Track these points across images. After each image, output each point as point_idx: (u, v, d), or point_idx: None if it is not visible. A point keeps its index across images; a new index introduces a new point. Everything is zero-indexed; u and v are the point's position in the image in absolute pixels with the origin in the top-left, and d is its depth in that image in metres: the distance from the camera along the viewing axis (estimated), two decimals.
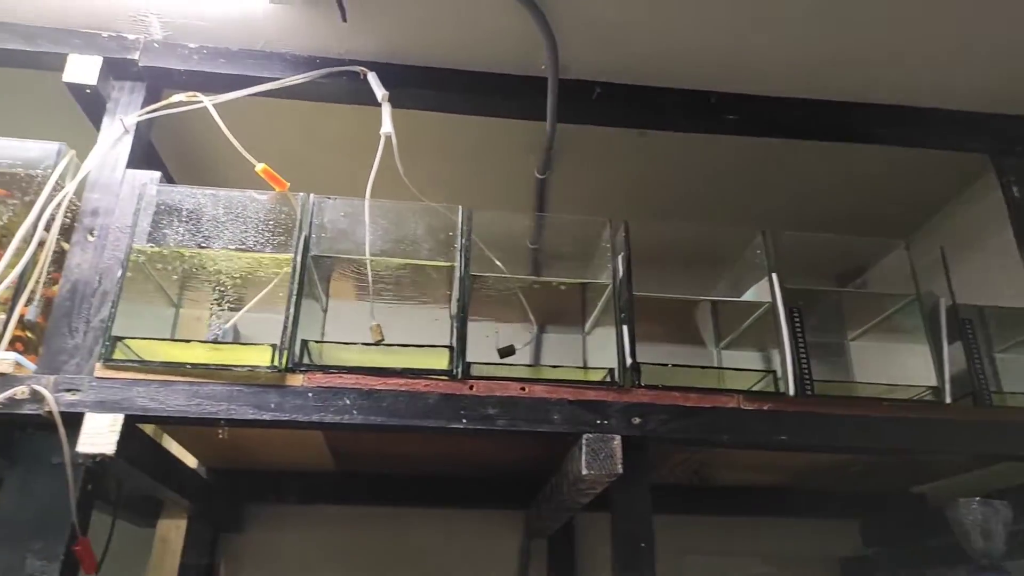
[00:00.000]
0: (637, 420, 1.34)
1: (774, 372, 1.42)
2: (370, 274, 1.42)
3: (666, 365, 1.40)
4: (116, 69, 1.52)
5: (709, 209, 2.18)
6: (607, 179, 2.07)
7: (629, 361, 1.38)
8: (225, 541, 1.94)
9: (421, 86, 1.62)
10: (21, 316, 1.30)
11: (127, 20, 1.50)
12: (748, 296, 1.60)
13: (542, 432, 1.33)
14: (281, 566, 1.94)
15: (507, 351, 1.44)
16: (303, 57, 1.59)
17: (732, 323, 1.72)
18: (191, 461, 1.83)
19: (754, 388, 1.45)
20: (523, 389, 1.34)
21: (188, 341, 1.30)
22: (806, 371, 1.39)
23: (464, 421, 1.30)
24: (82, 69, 1.48)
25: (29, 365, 1.27)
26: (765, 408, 1.38)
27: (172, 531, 1.87)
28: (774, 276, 1.49)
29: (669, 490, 1.58)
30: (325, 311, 1.65)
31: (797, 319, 1.43)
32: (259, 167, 1.40)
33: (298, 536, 1.96)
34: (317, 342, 1.33)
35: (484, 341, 1.53)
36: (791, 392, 1.39)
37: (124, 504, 1.62)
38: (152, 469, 1.44)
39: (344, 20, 1.44)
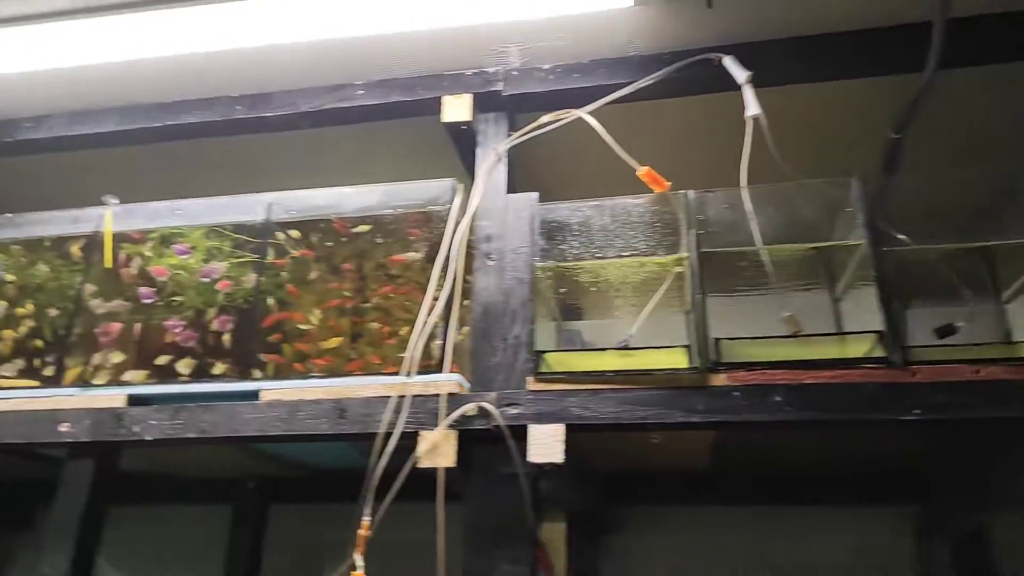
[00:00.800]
0: None
1: None
2: (769, 264, 1.35)
3: None
4: (482, 102, 1.62)
5: None
6: (977, 126, 1.80)
7: None
8: (605, 543, 1.99)
9: (778, 60, 1.53)
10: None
11: (489, 55, 1.60)
12: None
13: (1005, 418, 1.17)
14: (658, 567, 1.95)
15: (946, 331, 1.29)
16: (650, 56, 1.57)
17: None
18: None
19: None
20: (977, 372, 1.19)
21: (602, 350, 1.33)
22: None
23: (916, 411, 1.17)
24: (457, 108, 1.60)
25: (466, 384, 1.38)
26: None
27: (555, 534, 1.95)
28: None
29: None
30: None
31: None
32: (641, 170, 1.40)
33: (674, 537, 1.95)
34: (729, 339, 1.28)
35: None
36: None
37: None
38: (573, 473, 1.51)
39: (710, 6, 1.39)
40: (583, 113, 1.47)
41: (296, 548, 2.09)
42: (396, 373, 1.39)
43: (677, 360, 1.29)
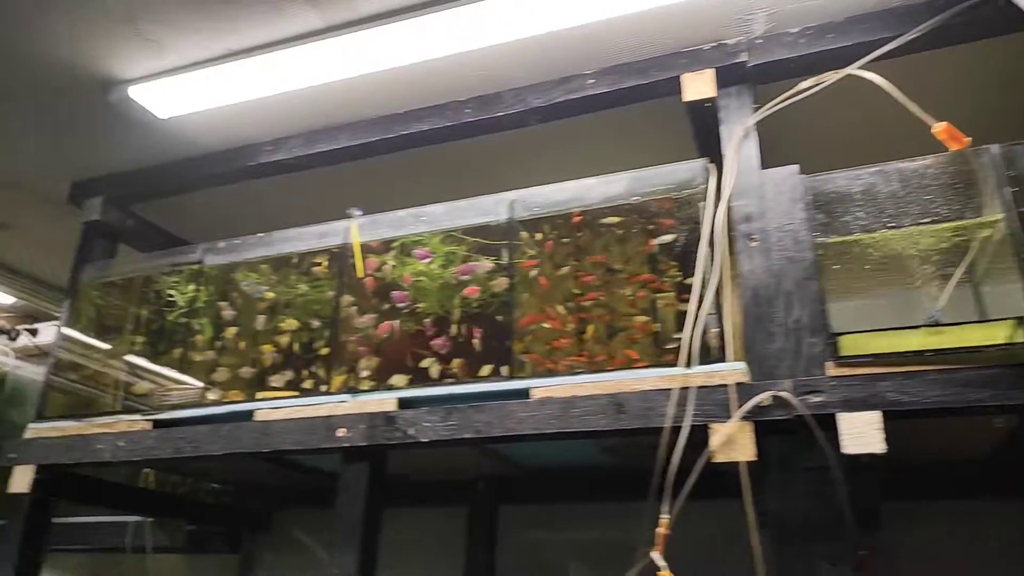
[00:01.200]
0: None
1: None
2: None
3: None
4: (724, 76, 1.53)
5: None
6: None
7: None
8: (867, 541, 1.82)
9: None
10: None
11: (730, 25, 1.51)
12: None
13: None
14: (927, 569, 1.76)
15: None
16: (918, 5, 1.42)
17: None
18: None
19: None
20: None
21: (910, 328, 1.20)
22: None
23: None
24: (699, 85, 1.52)
25: (749, 372, 1.29)
26: None
27: None
28: None
29: None
30: None
31: None
32: (938, 127, 1.26)
33: (945, 535, 1.75)
34: None
35: None
36: None
37: None
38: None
39: None
40: (853, 70, 1.35)
41: (526, 547, 2.09)
42: (667, 364, 1.32)
43: (998, 335, 1.15)
